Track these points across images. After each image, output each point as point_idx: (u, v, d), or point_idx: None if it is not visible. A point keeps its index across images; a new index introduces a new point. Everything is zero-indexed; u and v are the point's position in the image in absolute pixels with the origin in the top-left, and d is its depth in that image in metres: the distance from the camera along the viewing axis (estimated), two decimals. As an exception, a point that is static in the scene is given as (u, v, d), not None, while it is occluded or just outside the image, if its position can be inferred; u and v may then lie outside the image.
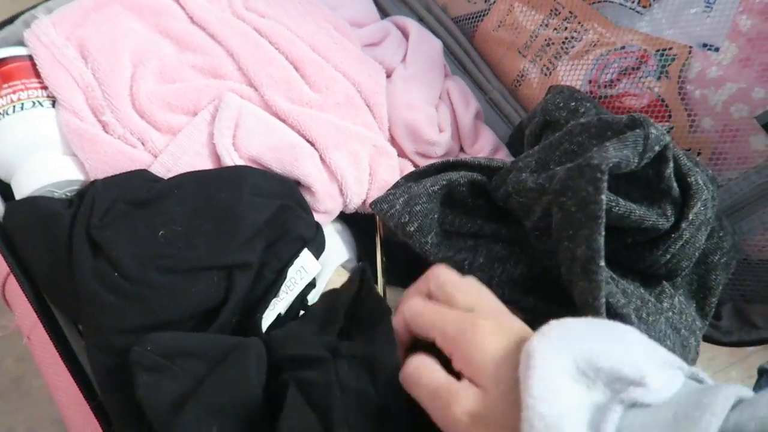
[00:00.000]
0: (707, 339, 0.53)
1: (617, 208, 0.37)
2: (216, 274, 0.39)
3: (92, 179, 0.47)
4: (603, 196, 0.34)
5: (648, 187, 0.39)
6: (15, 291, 0.46)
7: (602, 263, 0.34)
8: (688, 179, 0.39)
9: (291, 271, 0.44)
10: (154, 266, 0.39)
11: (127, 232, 0.40)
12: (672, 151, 0.38)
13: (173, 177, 0.46)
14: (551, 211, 0.38)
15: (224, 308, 0.39)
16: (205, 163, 0.49)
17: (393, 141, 0.57)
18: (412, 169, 0.57)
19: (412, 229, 0.47)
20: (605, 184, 0.34)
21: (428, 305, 0.36)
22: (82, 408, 0.42)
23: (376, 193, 0.53)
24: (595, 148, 0.37)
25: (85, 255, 0.40)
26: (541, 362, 0.26)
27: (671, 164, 0.38)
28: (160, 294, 0.38)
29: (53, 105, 0.49)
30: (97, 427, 0.41)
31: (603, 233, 0.34)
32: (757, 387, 0.41)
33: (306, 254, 0.45)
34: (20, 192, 0.47)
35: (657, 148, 0.37)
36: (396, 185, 0.51)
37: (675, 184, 0.39)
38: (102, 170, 0.48)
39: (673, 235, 0.41)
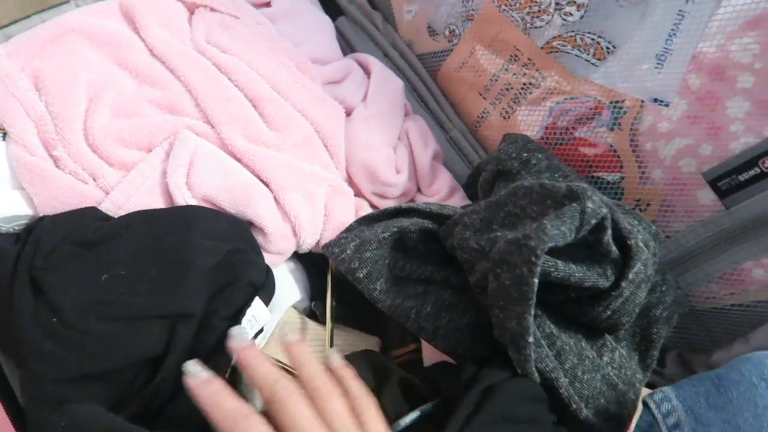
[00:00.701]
0: (651, 386, 0.54)
1: (556, 272, 0.38)
2: (157, 324, 0.39)
3: (41, 214, 0.47)
4: (536, 280, 0.35)
5: (589, 248, 0.40)
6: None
7: (531, 339, 0.35)
8: (629, 242, 0.40)
9: (243, 322, 0.44)
10: (95, 313, 0.39)
11: (71, 276, 0.40)
12: (610, 221, 0.39)
13: (123, 217, 0.46)
14: (488, 276, 0.39)
15: (167, 359, 0.39)
16: (157, 202, 0.49)
17: (350, 181, 0.57)
18: (368, 208, 0.57)
19: (361, 275, 0.47)
20: (539, 269, 0.35)
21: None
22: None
23: (332, 233, 0.54)
24: (535, 225, 0.37)
25: (26, 299, 0.40)
26: None
27: (609, 232, 0.39)
28: (99, 342, 0.38)
29: (3, 138, 0.48)
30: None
31: (532, 313, 0.35)
32: (641, 420, 0.41)
33: (257, 303, 0.45)
34: (-35, 226, 0.46)
35: (593, 221, 0.38)
36: (348, 229, 0.51)
37: (614, 248, 0.40)
38: (51, 206, 0.47)
39: (613, 293, 0.42)
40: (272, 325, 0.50)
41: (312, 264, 0.57)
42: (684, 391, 0.39)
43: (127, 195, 0.48)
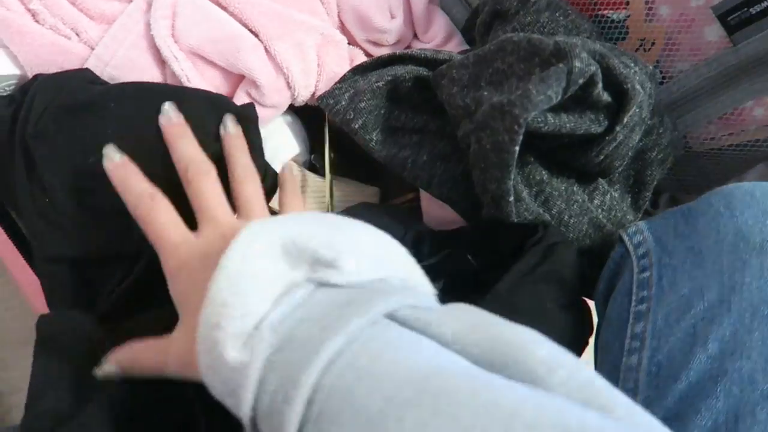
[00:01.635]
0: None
1: (546, 127, 0.37)
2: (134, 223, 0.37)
3: (29, 74, 0.46)
4: (516, 147, 0.35)
5: (578, 99, 0.39)
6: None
7: (511, 199, 0.35)
8: (624, 86, 0.40)
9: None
10: (79, 199, 0.39)
11: (60, 148, 0.39)
12: (600, 75, 0.38)
13: (113, 86, 0.45)
14: (470, 137, 0.39)
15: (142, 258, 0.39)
16: (143, 56, 0.47)
17: (342, 28, 0.55)
18: (362, 57, 0.55)
19: (356, 126, 0.47)
20: (520, 137, 0.35)
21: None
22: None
23: (326, 84, 0.53)
24: (520, 90, 0.36)
25: (20, 173, 0.40)
26: (243, 240, 0.27)
27: (599, 86, 0.38)
28: (81, 230, 0.39)
29: (-25, -8, 0.46)
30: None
31: (512, 177, 0.36)
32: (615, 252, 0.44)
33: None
34: (-46, 88, 0.46)
35: (581, 81, 0.37)
36: (342, 79, 0.50)
37: (605, 97, 0.39)
38: (36, 63, 0.46)
39: (607, 137, 0.42)
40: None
41: (310, 116, 0.57)
42: (655, 224, 0.41)
43: (112, 50, 0.47)
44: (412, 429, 0.20)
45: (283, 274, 0.27)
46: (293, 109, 0.55)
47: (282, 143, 0.53)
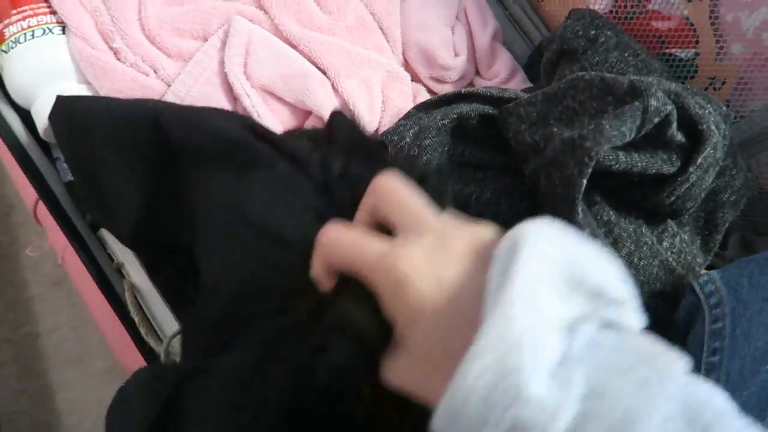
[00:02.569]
0: (711, 268, 0.54)
1: (617, 165, 0.37)
2: None
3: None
4: (584, 181, 0.34)
5: (651, 138, 0.39)
6: (45, 215, 0.49)
7: None
8: (700, 127, 0.39)
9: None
10: None
11: None
12: (675, 116, 0.37)
13: None
14: (540, 173, 0.39)
15: None
16: (217, 92, 0.49)
17: (407, 64, 0.55)
18: (426, 93, 0.56)
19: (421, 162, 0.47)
20: (589, 170, 0.34)
21: (347, 233, 0.28)
22: (114, 324, 0.47)
23: (389, 120, 0.53)
24: (593, 124, 0.36)
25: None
26: (531, 253, 0.23)
27: (674, 126, 0.37)
28: None
29: (63, 31, 0.49)
30: (129, 342, 0.45)
31: (580, 213, 0.35)
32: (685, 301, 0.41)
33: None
34: (40, 121, 0.48)
35: (656, 120, 0.36)
36: (407, 116, 0.50)
37: (679, 137, 0.39)
38: (117, 99, 0.48)
39: (679, 179, 0.41)
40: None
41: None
42: (729, 273, 0.40)
43: (188, 86, 0.49)
44: None
45: (561, 305, 0.23)
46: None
47: None
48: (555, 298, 0.23)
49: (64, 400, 0.74)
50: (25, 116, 0.50)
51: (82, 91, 0.49)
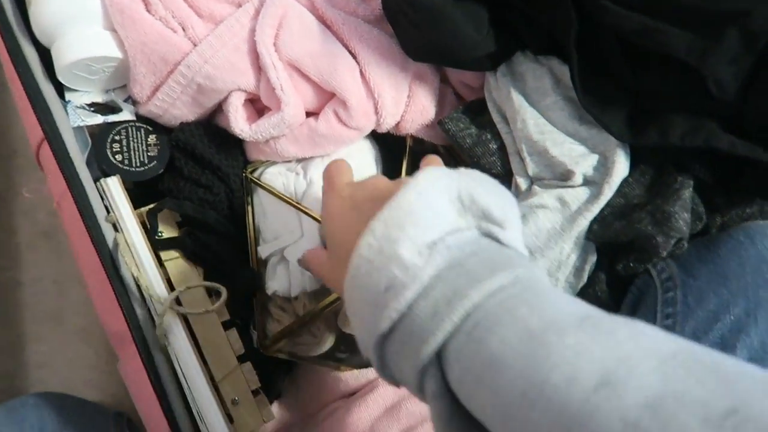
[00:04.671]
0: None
1: None
2: None
3: (132, 60, 0.47)
4: None
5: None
6: (48, 157, 0.47)
7: None
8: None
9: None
10: None
11: None
12: None
13: None
14: None
15: None
16: (243, 60, 0.48)
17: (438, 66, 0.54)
18: (452, 96, 0.55)
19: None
20: None
21: (335, 167, 0.41)
22: (100, 278, 0.45)
23: (413, 116, 0.52)
24: None
25: None
26: (425, 176, 0.30)
27: None
28: None
29: (97, -25, 0.48)
30: (113, 298, 0.44)
31: None
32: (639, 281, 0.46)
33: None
34: (59, 61, 0.47)
35: None
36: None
37: None
38: (141, 51, 0.47)
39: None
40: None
41: (385, 145, 0.56)
42: (677, 256, 0.44)
43: (215, 50, 0.47)
44: (573, 346, 0.23)
45: (454, 215, 0.30)
46: (373, 135, 0.55)
47: (358, 166, 0.52)
48: (449, 209, 0.30)
49: (34, 352, 0.72)
50: (45, 53, 0.49)
51: (107, 37, 0.47)
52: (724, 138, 0.44)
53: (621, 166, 0.45)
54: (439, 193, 0.30)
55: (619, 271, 0.45)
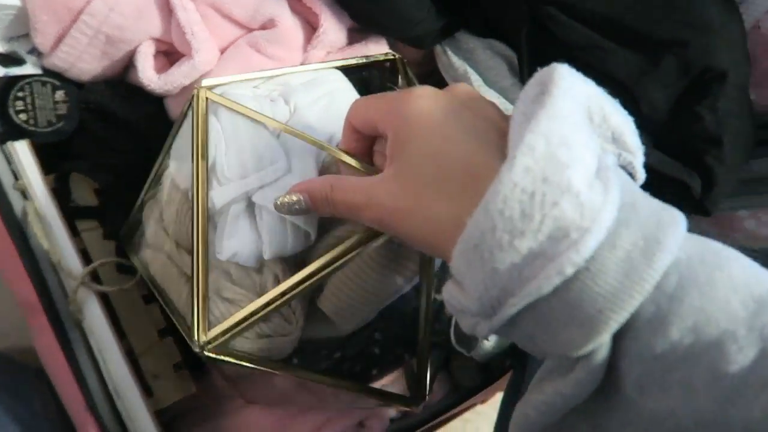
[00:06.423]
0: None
1: None
2: None
3: (30, 10, 0.41)
4: None
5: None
6: None
7: None
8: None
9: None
10: None
11: None
12: None
13: None
14: None
15: None
16: (151, 4, 0.44)
17: None
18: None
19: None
20: None
21: (372, 97, 0.32)
22: (9, 249, 0.43)
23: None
24: None
25: None
26: (564, 75, 0.23)
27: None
28: None
29: None
30: (22, 270, 0.42)
31: None
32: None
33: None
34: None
35: None
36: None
37: None
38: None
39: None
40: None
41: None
42: None
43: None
44: None
45: (587, 138, 0.23)
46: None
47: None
48: (585, 127, 0.23)
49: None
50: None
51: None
52: (653, 154, 0.45)
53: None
54: (575, 104, 0.23)
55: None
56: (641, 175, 0.25)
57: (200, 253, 0.35)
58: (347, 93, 0.43)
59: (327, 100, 0.41)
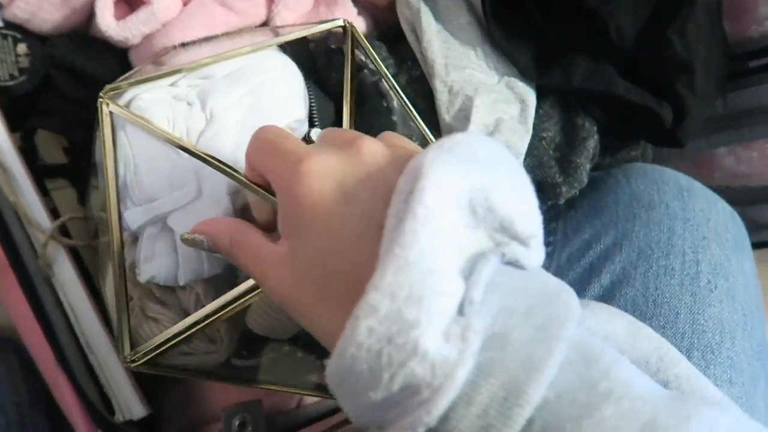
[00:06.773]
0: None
1: None
2: None
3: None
4: None
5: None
6: None
7: None
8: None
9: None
10: None
11: None
12: None
13: None
14: None
15: None
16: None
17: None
18: (369, 19, 0.52)
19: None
20: None
21: (266, 146, 0.28)
22: None
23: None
24: None
25: None
26: (434, 182, 0.21)
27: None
28: None
29: None
30: None
31: None
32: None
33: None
34: None
35: None
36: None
37: None
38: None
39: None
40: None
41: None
42: None
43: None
44: None
45: (467, 237, 0.21)
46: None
47: (282, 103, 0.40)
48: (460, 227, 0.21)
49: None
50: None
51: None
52: (620, 83, 0.45)
53: (531, 98, 0.46)
54: (446, 205, 0.21)
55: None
56: (538, 261, 0.23)
57: (118, 274, 0.34)
58: (278, 86, 0.40)
59: (250, 99, 0.38)
